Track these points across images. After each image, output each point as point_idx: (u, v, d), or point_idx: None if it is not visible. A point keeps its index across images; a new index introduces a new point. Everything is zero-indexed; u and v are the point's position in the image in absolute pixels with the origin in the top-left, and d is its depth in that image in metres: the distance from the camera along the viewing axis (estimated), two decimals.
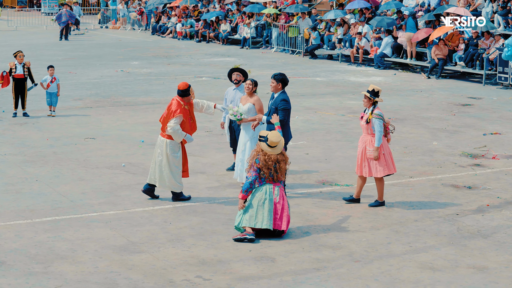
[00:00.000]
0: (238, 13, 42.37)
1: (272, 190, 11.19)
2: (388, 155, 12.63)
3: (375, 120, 12.48)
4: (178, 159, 12.79)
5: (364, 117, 12.63)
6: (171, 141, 12.73)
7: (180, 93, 12.77)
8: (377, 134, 12.46)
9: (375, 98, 12.60)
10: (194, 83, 26.64)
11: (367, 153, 12.57)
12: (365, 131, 12.64)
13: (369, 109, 12.60)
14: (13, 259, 10.24)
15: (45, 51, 36.07)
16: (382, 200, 12.84)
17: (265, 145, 11.16)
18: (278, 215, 11.19)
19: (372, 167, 12.60)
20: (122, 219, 12.00)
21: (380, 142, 12.47)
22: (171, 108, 12.71)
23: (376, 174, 12.58)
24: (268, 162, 11.12)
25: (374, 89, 12.61)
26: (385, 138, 12.66)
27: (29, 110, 20.36)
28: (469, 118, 20.74)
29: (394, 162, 12.79)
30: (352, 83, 27.49)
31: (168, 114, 12.70)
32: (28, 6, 66.66)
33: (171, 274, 9.82)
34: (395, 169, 12.81)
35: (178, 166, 12.81)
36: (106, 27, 52.07)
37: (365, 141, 12.64)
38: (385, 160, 12.57)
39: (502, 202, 13.19)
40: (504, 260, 10.47)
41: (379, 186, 12.76)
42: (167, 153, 12.73)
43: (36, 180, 14.15)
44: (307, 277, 9.79)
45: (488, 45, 28.18)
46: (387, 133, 12.70)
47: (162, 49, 38.05)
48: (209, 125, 19.33)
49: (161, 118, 12.86)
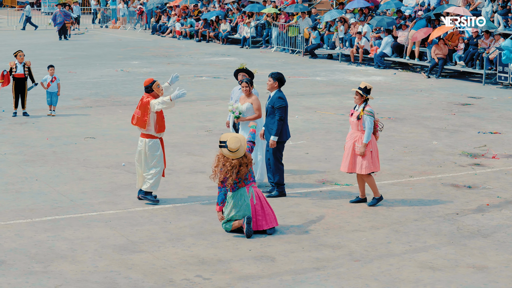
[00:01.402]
0: (238, 12, 42.38)
1: (246, 193, 11.26)
2: (375, 153, 12.65)
3: (367, 117, 12.53)
4: (158, 158, 12.72)
5: (355, 114, 12.66)
6: (150, 139, 12.65)
7: (145, 89, 12.77)
8: (367, 131, 12.51)
9: (367, 95, 12.64)
10: (194, 82, 26.67)
11: (356, 150, 12.59)
12: (355, 128, 12.67)
13: (360, 106, 12.64)
14: (13, 258, 10.24)
15: (45, 51, 36.07)
16: (379, 195, 12.85)
17: (226, 150, 11.17)
18: (260, 216, 11.26)
19: (357, 163, 12.61)
20: (122, 218, 12.00)
21: (369, 139, 12.52)
22: (141, 105, 12.60)
23: (361, 170, 12.60)
24: (229, 167, 11.12)
25: (366, 87, 12.65)
26: (374, 135, 12.69)
27: (29, 109, 20.36)
28: (469, 118, 20.74)
29: (379, 161, 12.82)
30: (352, 82, 27.48)
31: (142, 111, 12.56)
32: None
33: (171, 274, 9.82)
34: (379, 168, 12.82)
35: (157, 166, 12.74)
36: (106, 26, 52.06)
37: (354, 137, 12.66)
38: (371, 158, 12.60)
39: (502, 201, 13.19)
40: (504, 259, 10.47)
41: (369, 183, 12.75)
42: (146, 151, 12.67)
43: (36, 179, 14.15)
44: (307, 277, 9.79)
45: (488, 45, 28.18)
46: (376, 130, 12.74)
47: (162, 49, 38.06)
48: (209, 124, 19.33)
49: (133, 120, 12.72)
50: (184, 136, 17.93)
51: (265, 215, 11.29)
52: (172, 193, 13.32)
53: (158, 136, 12.70)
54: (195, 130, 18.71)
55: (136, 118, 12.69)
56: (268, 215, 11.32)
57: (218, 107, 21.71)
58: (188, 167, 15.16)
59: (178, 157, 15.87)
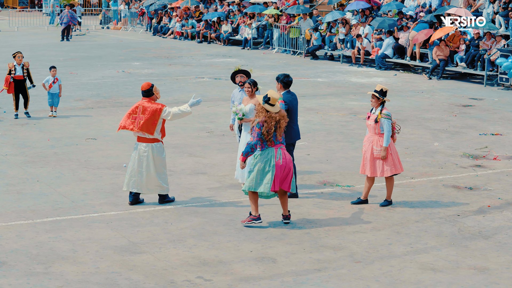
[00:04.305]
0: (239, 13, 42.38)
1: (274, 154, 11.58)
2: (395, 155, 12.67)
3: (384, 120, 12.52)
4: (164, 160, 12.77)
5: (372, 117, 12.64)
6: (157, 143, 12.67)
7: (144, 94, 12.76)
8: (386, 134, 12.50)
9: (383, 98, 12.62)
10: (195, 84, 26.67)
11: (374, 153, 12.59)
12: (372, 131, 12.65)
13: (377, 109, 12.62)
14: (14, 259, 10.24)
15: (46, 52, 36.08)
16: (390, 199, 12.89)
17: (268, 105, 11.55)
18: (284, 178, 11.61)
19: (379, 166, 12.62)
20: (123, 219, 12.01)
21: (388, 142, 12.52)
22: (148, 110, 12.53)
23: (383, 173, 12.61)
24: (271, 123, 11.50)
25: (382, 89, 12.63)
26: (392, 138, 12.68)
27: (31, 110, 20.33)
28: (470, 119, 20.74)
29: (400, 162, 12.82)
30: (353, 84, 27.49)
31: (150, 116, 12.52)
32: (29, 6, 66.68)
33: (172, 275, 9.82)
34: (402, 169, 12.84)
35: (164, 167, 12.78)
36: (108, 27, 52.08)
37: (371, 140, 12.66)
38: (392, 160, 12.61)
39: (503, 203, 13.19)
40: (505, 261, 10.46)
41: (389, 186, 12.80)
42: (154, 156, 12.64)
43: (37, 180, 14.16)
44: (308, 278, 9.79)
45: (489, 46, 28.17)
46: (393, 133, 12.73)
47: (163, 50, 38.06)
48: (210, 126, 19.34)
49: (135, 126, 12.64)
50: (185, 137, 17.93)
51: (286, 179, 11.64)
52: (173, 194, 13.31)
53: (160, 139, 12.74)
54: (196, 131, 18.72)
55: (139, 123, 12.59)
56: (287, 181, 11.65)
57: (219, 109, 21.72)
58: (189, 168, 15.16)
59: (179, 158, 15.87)
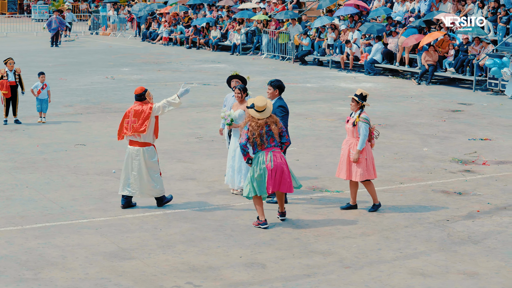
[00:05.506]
0: (228, 19, 42.41)
1: (264, 158, 11.73)
2: (370, 160, 12.66)
3: (362, 123, 12.56)
4: (156, 164, 12.80)
5: (351, 120, 12.69)
6: (148, 147, 12.71)
7: (137, 98, 12.80)
8: (362, 137, 12.53)
9: (363, 102, 12.66)
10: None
11: (351, 156, 12.62)
12: (351, 134, 12.69)
13: (356, 112, 12.67)
14: (3, 265, 10.21)
15: (36, 58, 36.02)
16: (378, 202, 12.90)
17: (253, 110, 11.74)
18: (277, 181, 11.74)
19: (352, 170, 12.64)
20: (113, 225, 11.99)
21: (362, 146, 12.53)
22: (138, 111, 12.64)
23: (355, 177, 12.63)
24: (258, 127, 11.69)
25: (362, 93, 12.68)
26: (369, 143, 12.71)
27: (19, 116, 20.29)
28: (459, 124, 20.79)
29: (375, 168, 12.83)
30: (342, 89, 27.53)
31: (142, 116, 12.62)
32: (18, 12, 66.58)
33: (162, 281, 9.81)
34: (375, 175, 12.83)
35: (156, 170, 12.81)
36: (97, 33, 52.03)
37: (349, 144, 12.69)
38: (366, 165, 12.61)
39: (492, 208, 13.22)
40: (495, 266, 10.49)
41: (369, 190, 12.80)
42: (145, 160, 12.70)
43: (27, 186, 14.12)
44: (297, 283, 9.79)
45: (478, 51, 28.27)
46: (371, 138, 12.76)
47: (152, 56, 38.05)
48: (199, 131, 19.33)
49: (128, 130, 12.70)
50: (175, 143, 17.92)
51: (281, 181, 11.77)
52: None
53: (152, 143, 12.77)
54: (185, 137, 18.71)
55: (131, 127, 12.65)
56: (284, 183, 11.79)
57: (209, 114, 21.72)
58: (178, 174, 15.15)
59: (169, 164, 15.86)
